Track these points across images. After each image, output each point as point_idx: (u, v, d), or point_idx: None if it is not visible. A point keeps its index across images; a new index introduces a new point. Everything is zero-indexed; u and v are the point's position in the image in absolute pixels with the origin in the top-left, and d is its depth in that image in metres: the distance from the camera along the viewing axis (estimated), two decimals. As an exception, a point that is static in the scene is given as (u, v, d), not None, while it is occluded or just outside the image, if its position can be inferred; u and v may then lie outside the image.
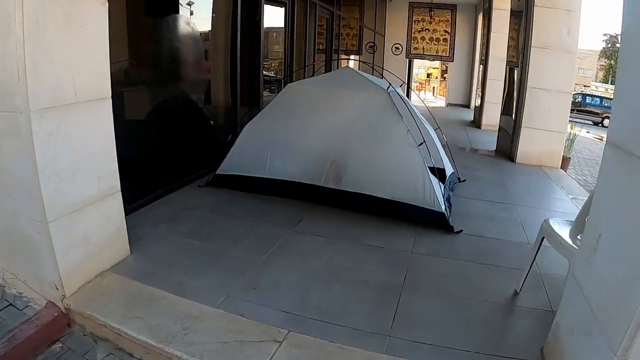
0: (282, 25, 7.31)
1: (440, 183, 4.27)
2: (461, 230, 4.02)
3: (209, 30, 5.55)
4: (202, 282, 3.07)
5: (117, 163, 3.14)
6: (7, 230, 2.84)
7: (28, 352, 2.61)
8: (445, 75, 23.62)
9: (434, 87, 30.07)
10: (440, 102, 20.57)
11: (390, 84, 4.59)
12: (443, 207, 3.98)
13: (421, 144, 4.07)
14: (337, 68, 8.41)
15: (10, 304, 2.93)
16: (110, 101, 3.01)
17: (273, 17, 7.16)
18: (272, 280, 3.17)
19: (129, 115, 4.19)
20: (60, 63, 2.58)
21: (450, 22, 15.36)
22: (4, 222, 2.90)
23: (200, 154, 5.19)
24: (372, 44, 14.38)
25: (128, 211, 3.54)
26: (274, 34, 7.61)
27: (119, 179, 3.17)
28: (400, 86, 5.03)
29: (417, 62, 21.94)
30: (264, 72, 6.43)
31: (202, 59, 5.31)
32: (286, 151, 4.49)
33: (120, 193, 3.18)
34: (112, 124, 3.05)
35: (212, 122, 5.72)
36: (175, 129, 4.86)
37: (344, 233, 3.92)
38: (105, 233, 3.07)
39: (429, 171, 4.02)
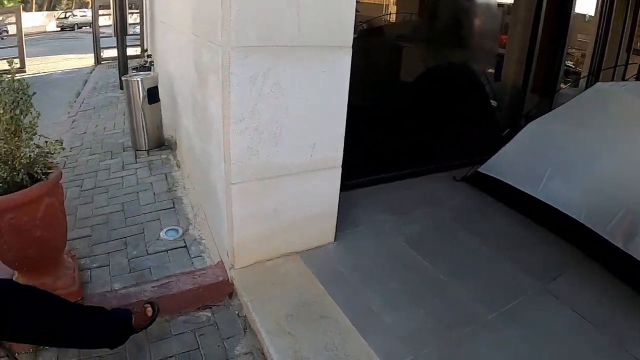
0: (593, 12, 5.97)
1: None
2: None
3: (511, 3, 4.78)
4: (394, 322, 2.19)
5: (344, 130, 2.47)
6: (204, 171, 2.60)
7: (173, 307, 2.38)
8: None
9: None
10: None
11: None
12: None
13: None
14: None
15: (185, 246, 2.79)
16: (350, 52, 2.31)
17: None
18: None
19: (387, 74, 3.46)
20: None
21: None
22: (204, 160, 2.68)
23: (466, 138, 4.10)
24: None
25: (347, 187, 2.91)
26: (583, 20, 6.32)
27: (342, 151, 2.51)
28: None
29: None
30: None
31: (497, 31, 4.17)
32: (571, 173, 3.02)
33: (340, 169, 2.53)
34: (347, 82, 2.36)
35: (493, 104, 4.50)
36: (443, 100, 3.90)
37: (611, 320, 2.35)
38: (305, 211, 2.51)
39: None
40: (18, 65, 9.89)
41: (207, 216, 2.93)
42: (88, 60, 10.98)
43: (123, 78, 4.63)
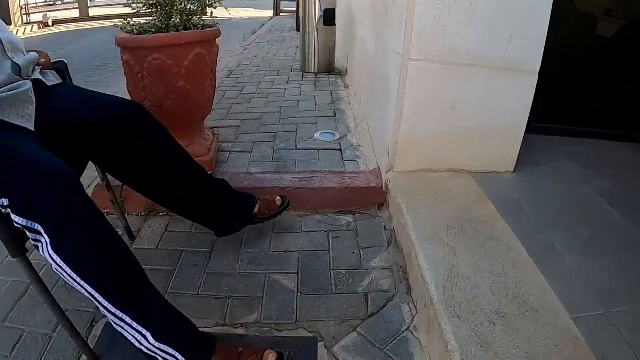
0: None
1: None
2: None
3: None
4: (581, 268, 1.41)
5: (546, 31, 1.75)
6: (375, 64, 2.13)
7: (311, 204, 1.98)
8: None
9: None
10: None
11: None
12: None
13: None
14: None
15: (339, 149, 2.37)
16: None
17: None
18: None
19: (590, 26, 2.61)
20: None
21: None
22: (379, 51, 2.21)
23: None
24: None
25: (531, 129, 2.23)
26: None
27: (541, 57, 1.80)
28: None
29: None
30: None
31: None
32: None
33: (536, 78, 1.82)
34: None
35: None
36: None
37: None
38: (488, 119, 1.89)
39: None
40: None
41: (370, 126, 2.49)
42: (267, 13, 11.44)
43: (300, -6, 4.42)
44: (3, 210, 1.01)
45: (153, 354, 1.07)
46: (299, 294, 1.52)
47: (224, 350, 1.16)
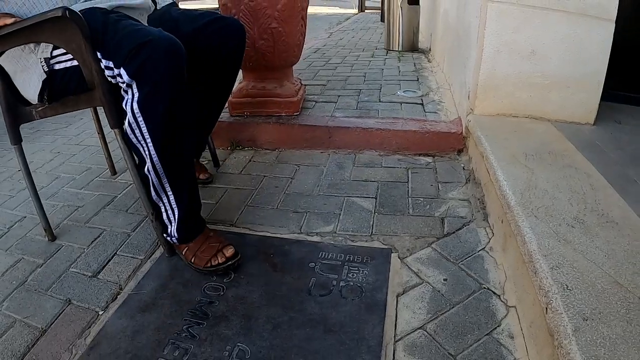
0: None
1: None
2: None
3: None
4: None
5: None
6: (459, 21, 2.09)
7: (392, 145, 1.99)
8: None
9: None
10: None
11: None
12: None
13: None
14: None
15: (421, 103, 2.37)
16: None
17: None
18: None
19: None
20: None
21: None
22: (464, 3, 2.18)
23: None
24: None
25: (614, 97, 2.09)
26: None
27: (617, 5, 1.68)
28: None
29: None
30: None
31: None
32: None
33: (613, 26, 1.70)
34: None
35: None
36: None
37: None
38: (567, 65, 1.78)
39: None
40: None
41: (452, 82, 2.45)
42: (352, 10, 11.57)
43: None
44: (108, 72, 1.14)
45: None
46: (376, 213, 1.54)
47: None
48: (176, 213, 1.27)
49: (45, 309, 1.18)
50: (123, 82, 1.11)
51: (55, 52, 1.20)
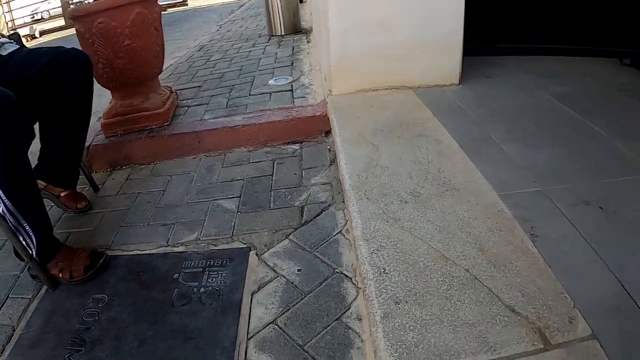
0: None
1: None
2: None
3: None
4: (520, 154, 1.44)
5: None
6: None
7: (260, 138, 2.02)
8: None
9: None
10: None
11: None
12: None
13: None
14: None
15: (290, 90, 2.43)
16: None
17: None
18: None
19: None
20: None
21: None
22: None
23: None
24: None
25: (484, 50, 2.23)
26: None
27: None
28: None
29: None
30: None
31: None
32: None
33: None
34: None
35: None
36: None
37: None
38: (420, 31, 1.86)
39: None
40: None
41: (320, 63, 2.49)
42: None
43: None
44: None
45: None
46: (239, 213, 1.57)
47: (66, 249, 1.42)
48: (34, 238, 1.31)
49: None
50: None
51: None
